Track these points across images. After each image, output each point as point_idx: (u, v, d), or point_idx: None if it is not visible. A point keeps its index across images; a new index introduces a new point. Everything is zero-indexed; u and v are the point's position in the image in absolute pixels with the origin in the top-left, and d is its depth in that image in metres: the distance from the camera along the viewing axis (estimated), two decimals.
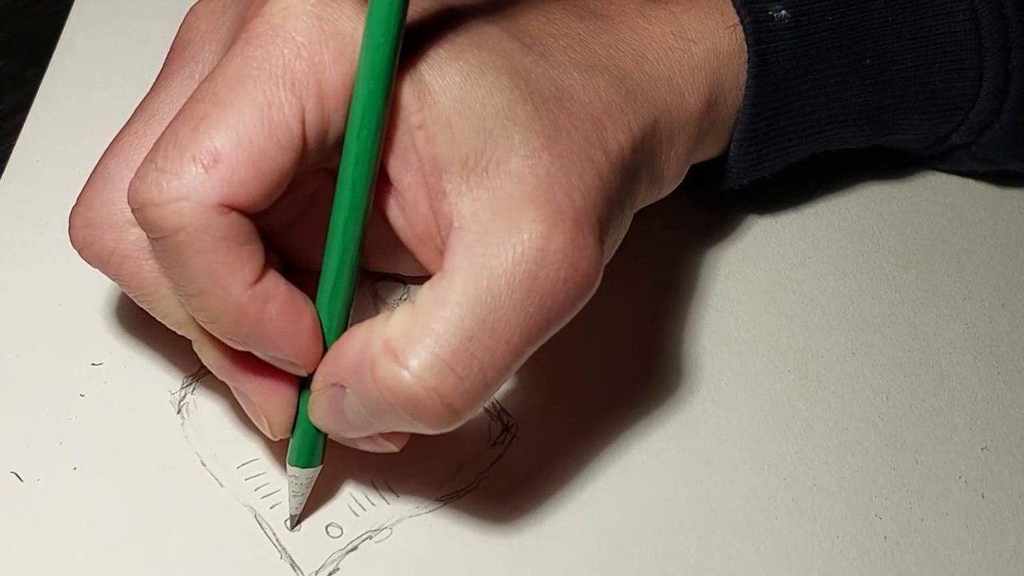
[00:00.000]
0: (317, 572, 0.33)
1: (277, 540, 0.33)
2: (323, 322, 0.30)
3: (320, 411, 0.31)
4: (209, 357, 0.32)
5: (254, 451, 0.35)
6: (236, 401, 0.35)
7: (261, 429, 0.32)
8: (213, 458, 0.34)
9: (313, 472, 0.33)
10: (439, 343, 0.28)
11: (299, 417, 0.32)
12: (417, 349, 0.28)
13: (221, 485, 0.34)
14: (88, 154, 0.40)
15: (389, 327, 0.29)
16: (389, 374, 0.28)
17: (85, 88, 0.42)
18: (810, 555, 0.35)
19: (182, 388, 0.36)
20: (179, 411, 0.35)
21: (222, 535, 0.33)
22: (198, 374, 0.36)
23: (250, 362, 0.31)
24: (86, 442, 0.34)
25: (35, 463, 0.34)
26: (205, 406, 0.35)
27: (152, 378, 0.36)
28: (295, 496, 0.33)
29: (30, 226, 0.38)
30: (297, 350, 0.30)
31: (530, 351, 0.29)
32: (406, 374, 0.28)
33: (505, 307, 0.28)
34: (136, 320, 0.36)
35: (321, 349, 0.30)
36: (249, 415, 0.32)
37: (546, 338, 0.30)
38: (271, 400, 0.31)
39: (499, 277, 0.28)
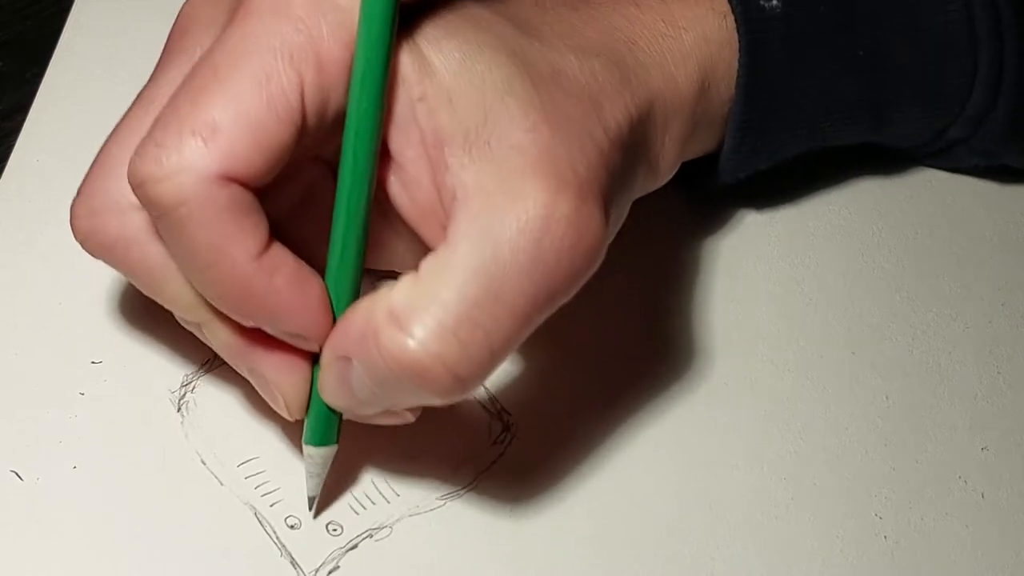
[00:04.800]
0: (317, 570, 0.33)
1: (277, 538, 0.33)
2: (331, 297, 0.30)
3: (329, 386, 0.31)
4: (220, 340, 0.31)
5: (254, 449, 0.35)
6: (236, 400, 0.35)
7: (278, 410, 0.32)
8: (213, 457, 0.34)
9: (329, 451, 0.32)
10: (443, 310, 0.28)
11: (312, 395, 0.31)
12: (421, 316, 0.28)
13: (221, 484, 0.34)
14: (88, 154, 0.40)
15: (393, 296, 0.28)
16: (393, 343, 0.28)
17: (85, 88, 0.42)
18: (810, 555, 0.35)
19: (182, 387, 0.36)
20: (179, 410, 0.35)
21: (222, 534, 0.33)
22: (198, 373, 0.36)
23: (262, 340, 0.31)
24: (86, 441, 0.34)
25: (35, 462, 0.33)
26: (205, 405, 0.35)
27: (152, 377, 0.36)
28: (311, 476, 0.33)
29: (30, 226, 0.38)
30: (306, 322, 0.29)
31: (536, 320, 0.29)
32: (411, 342, 0.28)
33: (510, 274, 0.28)
34: (136, 319, 0.37)
35: (331, 322, 0.30)
36: (265, 397, 0.32)
37: (552, 308, 0.29)
38: (286, 378, 0.31)
39: (503, 244, 0.28)
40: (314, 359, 0.31)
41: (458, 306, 0.28)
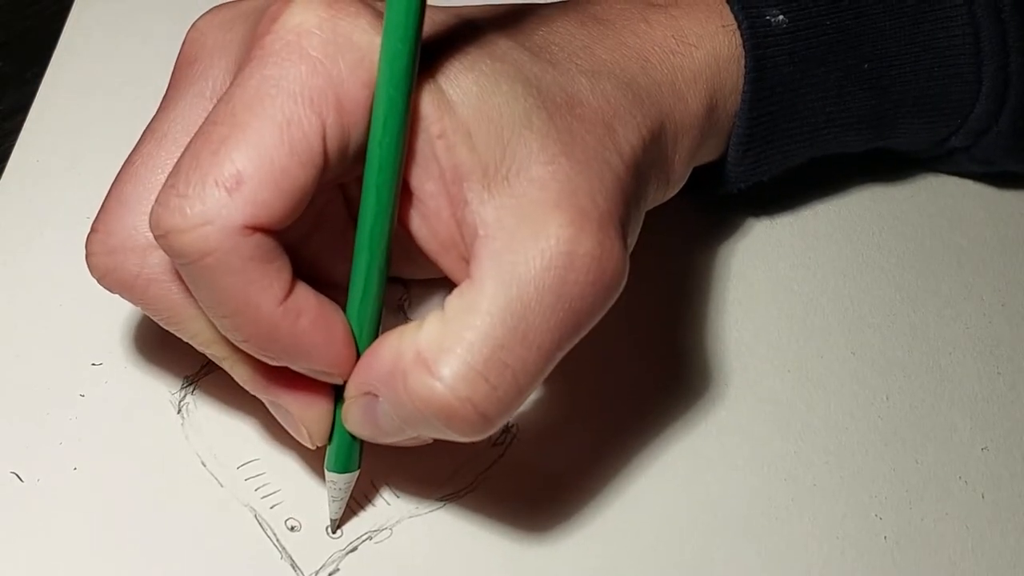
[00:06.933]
0: (317, 572, 0.33)
1: (277, 540, 0.33)
2: (354, 329, 0.30)
3: (354, 419, 0.31)
4: (242, 375, 0.31)
5: (254, 451, 0.35)
6: (236, 402, 0.35)
7: (299, 439, 0.32)
8: (213, 458, 0.34)
9: (351, 477, 0.33)
10: (471, 352, 0.28)
11: (335, 424, 0.32)
12: (449, 359, 0.28)
13: (221, 485, 0.34)
14: (88, 154, 0.41)
15: (420, 337, 0.28)
16: (422, 385, 0.28)
17: (85, 88, 0.42)
18: (810, 555, 0.35)
19: (182, 388, 0.36)
20: (179, 411, 0.35)
21: (222, 535, 0.33)
22: (198, 374, 0.36)
23: (284, 375, 0.31)
24: (86, 442, 0.34)
25: (35, 463, 0.34)
26: (205, 406, 0.35)
27: (152, 378, 0.36)
28: (334, 501, 0.33)
29: (30, 226, 0.38)
30: (331, 360, 0.30)
31: (561, 355, 0.29)
32: (439, 385, 0.28)
33: (535, 313, 0.28)
34: (136, 320, 0.37)
35: (354, 356, 0.30)
36: (287, 427, 0.32)
37: (576, 341, 0.30)
38: (309, 411, 0.31)
39: (528, 283, 0.28)
40: (336, 390, 0.31)
41: (485, 348, 0.28)
